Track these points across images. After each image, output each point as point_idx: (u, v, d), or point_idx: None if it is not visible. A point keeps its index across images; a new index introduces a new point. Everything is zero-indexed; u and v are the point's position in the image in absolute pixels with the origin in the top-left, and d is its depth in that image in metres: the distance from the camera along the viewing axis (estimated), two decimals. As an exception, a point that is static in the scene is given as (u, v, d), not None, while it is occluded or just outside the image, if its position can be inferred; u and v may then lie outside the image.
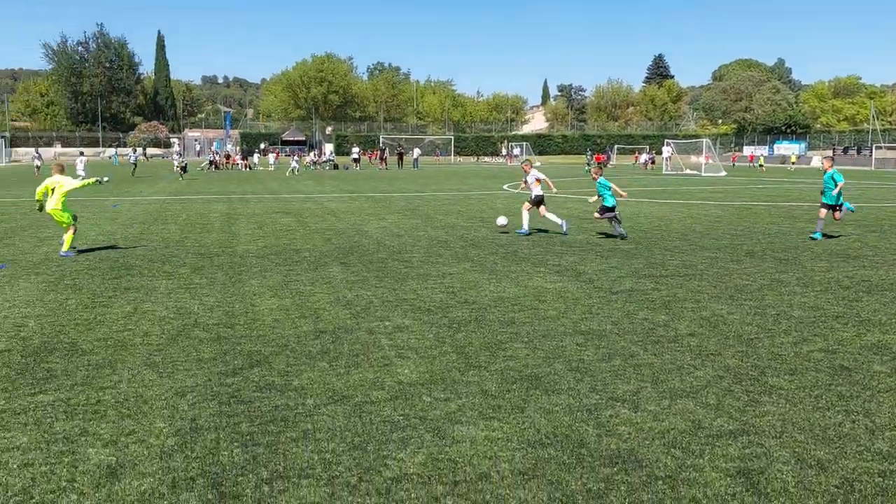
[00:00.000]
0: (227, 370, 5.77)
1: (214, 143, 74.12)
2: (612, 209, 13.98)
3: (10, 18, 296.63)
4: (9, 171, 49.33)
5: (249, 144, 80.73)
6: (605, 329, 7.07)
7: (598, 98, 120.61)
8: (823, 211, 13.91)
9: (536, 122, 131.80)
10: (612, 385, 5.45)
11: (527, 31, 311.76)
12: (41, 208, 11.88)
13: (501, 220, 14.92)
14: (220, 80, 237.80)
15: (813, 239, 13.63)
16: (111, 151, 70.23)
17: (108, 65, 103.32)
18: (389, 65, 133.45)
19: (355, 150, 60.63)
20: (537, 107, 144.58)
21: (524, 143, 78.18)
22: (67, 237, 11.71)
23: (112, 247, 12.62)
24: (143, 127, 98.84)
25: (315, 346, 6.49)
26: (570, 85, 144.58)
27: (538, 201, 14.51)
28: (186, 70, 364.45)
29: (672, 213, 19.16)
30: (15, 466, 4.04)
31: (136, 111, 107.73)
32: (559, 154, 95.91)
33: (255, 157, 59.44)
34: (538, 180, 14.49)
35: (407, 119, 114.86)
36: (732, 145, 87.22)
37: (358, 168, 55.73)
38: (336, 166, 55.46)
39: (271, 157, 60.13)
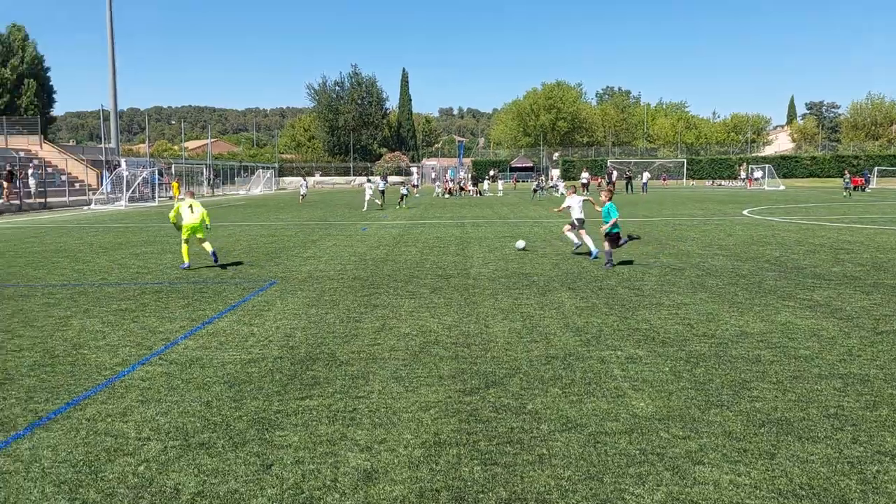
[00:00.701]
0: (465, 388, 6.06)
1: (449, 171, 78.07)
2: (618, 237, 13.45)
3: (280, 63, 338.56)
4: (277, 198, 56.04)
5: (480, 172, 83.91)
6: (869, 374, 6.34)
7: (855, 115, 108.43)
8: None
9: (781, 143, 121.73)
10: (879, 437, 4.87)
11: (770, 47, 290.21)
12: (179, 227, 13.75)
13: (520, 244, 16.44)
14: (455, 112, 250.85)
15: None
16: (361, 179, 76.97)
17: (359, 101, 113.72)
18: (619, 89, 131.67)
19: (585, 174, 60.48)
20: (781, 126, 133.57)
21: (766, 166, 72.50)
22: (207, 246, 13.87)
23: (231, 262, 13.82)
24: (388, 157, 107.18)
25: (547, 371, 6.58)
26: (821, 102, 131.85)
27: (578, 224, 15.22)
28: (426, 103, 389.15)
29: (953, 244, 16.61)
30: (288, 462, 4.60)
31: (382, 143, 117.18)
32: (807, 177, 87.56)
33: (485, 184, 61.59)
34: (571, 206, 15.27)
35: (636, 142, 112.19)
36: None
37: (586, 193, 55.45)
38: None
39: (500, 183, 61.99)
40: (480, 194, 57.65)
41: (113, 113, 57.89)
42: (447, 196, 55.67)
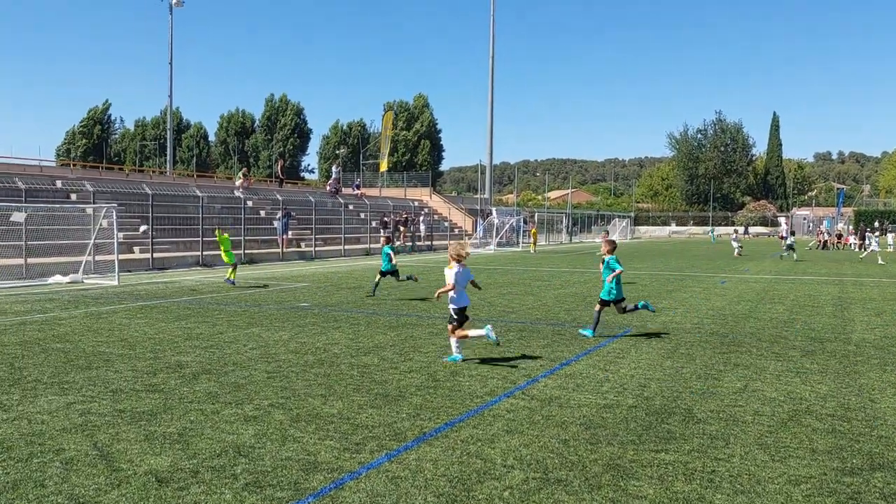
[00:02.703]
0: (843, 467, 5.39)
1: (824, 222, 70.03)
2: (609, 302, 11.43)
3: (641, 113, 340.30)
4: (631, 246, 56.04)
5: (865, 223, 73.70)
6: None
7: None
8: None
9: None
10: None
11: None
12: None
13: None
14: (835, 157, 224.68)
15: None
16: (722, 230, 73.26)
17: (722, 148, 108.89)
18: None
19: None
20: None
21: None
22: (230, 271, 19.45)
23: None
24: (752, 206, 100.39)
25: (956, 463, 5.52)
26: None
27: None
28: (799, 148, 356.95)
29: None
30: (643, 511, 4.59)
31: (746, 191, 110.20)
32: None
33: (870, 237, 53.75)
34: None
35: None
36: None
37: None
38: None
39: (890, 237, 53.59)
40: (865, 249, 50.48)
41: (489, 170, 64.51)
42: (821, 249, 49.85)
